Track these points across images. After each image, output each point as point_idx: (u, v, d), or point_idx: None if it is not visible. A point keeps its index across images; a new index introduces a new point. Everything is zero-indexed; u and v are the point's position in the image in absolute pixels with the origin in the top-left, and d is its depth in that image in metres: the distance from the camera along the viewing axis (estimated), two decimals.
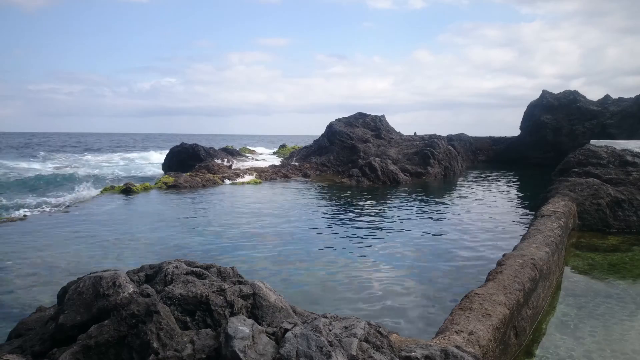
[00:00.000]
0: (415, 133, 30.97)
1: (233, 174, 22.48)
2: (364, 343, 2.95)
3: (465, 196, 16.99)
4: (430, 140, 26.24)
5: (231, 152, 33.04)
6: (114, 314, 3.13)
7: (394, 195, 17.38)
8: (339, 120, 28.73)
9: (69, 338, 3.17)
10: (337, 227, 11.05)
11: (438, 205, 14.71)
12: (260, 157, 36.08)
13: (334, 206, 14.42)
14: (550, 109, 35.06)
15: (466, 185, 20.73)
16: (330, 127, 27.66)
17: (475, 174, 27.04)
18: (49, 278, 7.14)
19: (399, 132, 29.82)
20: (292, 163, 25.73)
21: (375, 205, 14.74)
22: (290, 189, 18.59)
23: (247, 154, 38.02)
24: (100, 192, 17.11)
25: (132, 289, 3.32)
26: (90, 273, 3.56)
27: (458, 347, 3.27)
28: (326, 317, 3.26)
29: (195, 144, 28.41)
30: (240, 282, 3.60)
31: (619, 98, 34.46)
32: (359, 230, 10.76)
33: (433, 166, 24.02)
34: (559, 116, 34.53)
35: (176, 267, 3.74)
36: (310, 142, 29.92)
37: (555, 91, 36.49)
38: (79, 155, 45.10)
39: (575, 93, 35.29)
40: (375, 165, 21.59)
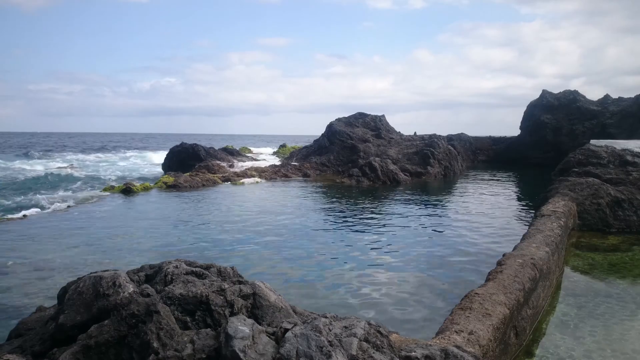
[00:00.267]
0: (415, 133, 30.98)
1: (233, 173, 22.49)
2: (364, 343, 2.95)
3: (465, 196, 17.00)
4: (430, 140, 26.25)
5: (231, 152, 33.03)
6: (114, 313, 3.13)
7: (394, 195, 17.38)
8: (339, 120, 28.74)
9: (69, 338, 3.17)
10: (338, 227, 11.05)
11: (438, 205, 14.71)
12: (261, 157, 36.08)
13: (334, 206, 14.42)
14: (550, 108, 35.05)
15: (466, 185, 20.74)
16: (330, 127, 27.67)
17: (475, 173, 27.04)
18: (48, 278, 7.14)
19: (399, 132, 29.83)
20: (292, 163, 25.72)
21: (375, 205, 14.74)
22: (290, 189, 18.59)
23: (247, 153, 38.01)
24: (100, 192, 17.13)
25: (132, 289, 3.32)
26: (90, 273, 3.56)
27: (458, 347, 3.27)
28: (326, 317, 3.26)
29: (195, 144, 28.42)
30: (240, 282, 3.61)
31: (619, 98, 34.45)
32: (359, 229, 10.77)
33: (433, 166, 24.03)
34: (559, 116, 34.52)
35: (176, 267, 3.74)
36: (311, 142, 29.93)
37: (555, 91, 36.53)
38: (78, 155, 45.09)
39: (575, 93, 35.28)
40: (375, 165, 21.59)
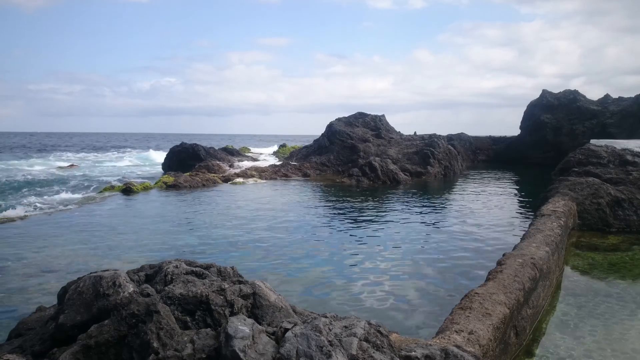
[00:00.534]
0: (415, 132, 30.97)
1: (233, 173, 22.49)
2: (364, 342, 2.95)
3: (465, 196, 16.99)
4: (430, 140, 26.24)
5: (231, 152, 33.02)
6: (114, 313, 3.13)
7: (394, 194, 17.38)
8: (339, 120, 28.73)
9: (69, 338, 3.17)
10: (337, 227, 11.05)
11: (438, 205, 14.71)
12: (261, 157, 36.07)
13: (334, 206, 14.42)
14: (550, 108, 35.03)
15: (466, 185, 20.73)
16: (330, 127, 27.66)
17: (475, 173, 27.04)
18: (49, 278, 7.14)
19: (399, 132, 29.82)
20: (292, 163, 25.71)
21: (375, 205, 14.74)
22: (290, 189, 18.59)
23: (247, 153, 38.01)
24: (100, 192, 17.12)
25: (132, 289, 3.32)
26: (90, 273, 3.56)
27: (458, 347, 3.27)
28: (326, 317, 3.26)
29: (195, 144, 28.42)
30: (240, 282, 3.60)
31: (619, 97, 34.44)
32: (359, 229, 10.77)
33: (433, 166, 24.02)
34: (559, 116, 34.51)
35: (176, 267, 3.74)
36: (311, 142, 29.91)
37: (555, 91, 36.51)
38: (78, 154, 45.09)
39: (575, 92, 35.26)
40: (375, 164, 21.59)
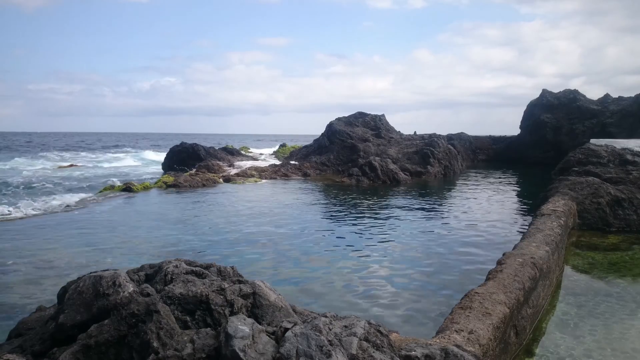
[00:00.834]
0: (415, 132, 30.96)
1: (233, 173, 22.49)
2: (364, 342, 2.95)
3: (465, 195, 16.99)
4: (430, 140, 26.23)
5: (231, 152, 33.02)
6: (114, 313, 3.13)
7: (394, 194, 17.38)
8: (339, 119, 28.72)
9: (69, 338, 3.17)
10: (337, 226, 11.05)
11: (438, 205, 14.71)
12: (260, 157, 36.06)
13: (333, 205, 14.42)
14: (550, 108, 35.03)
15: (466, 185, 20.73)
16: (330, 127, 27.65)
17: (475, 173, 27.04)
18: (48, 278, 7.14)
19: (399, 132, 29.81)
20: (292, 162, 25.71)
21: (375, 205, 14.74)
22: (290, 188, 18.59)
23: (247, 153, 38.00)
24: (100, 192, 17.11)
25: (132, 289, 3.32)
26: (90, 272, 3.56)
27: (458, 346, 3.27)
28: (326, 316, 3.26)
29: (195, 144, 28.44)
30: (240, 282, 3.60)
31: (619, 97, 34.43)
32: (359, 229, 10.77)
33: (433, 165, 24.02)
34: (559, 115, 34.50)
35: (176, 267, 3.74)
36: (310, 142, 29.91)
37: (555, 90, 36.50)
38: (78, 154, 45.08)
39: (575, 92, 35.25)
40: (375, 164, 21.59)
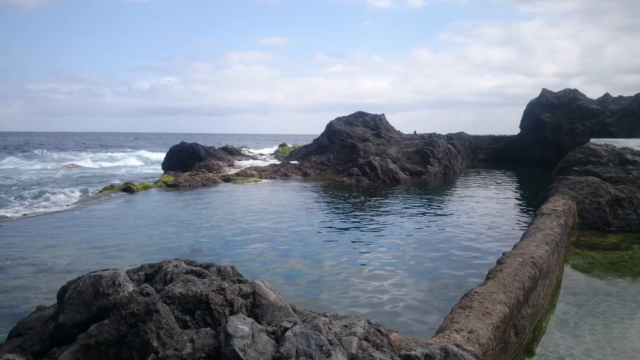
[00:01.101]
0: (415, 132, 30.97)
1: (233, 173, 22.49)
2: (364, 342, 2.95)
3: (465, 195, 16.99)
4: (430, 139, 26.24)
5: (231, 152, 33.02)
6: (113, 313, 3.13)
7: (394, 194, 17.38)
8: (338, 119, 28.71)
9: (69, 337, 3.17)
10: (337, 226, 11.05)
11: (438, 204, 14.71)
12: (260, 157, 36.06)
13: (333, 205, 14.42)
14: (550, 107, 35.02)
15: (466, 184, 20.73)
16: (330, 126, 27.65)
17: (475, 172, 27.04)
18: (48, 277, 7.14)
19: (399, 131, 29.81)
20: (292, 162, 25.71)
21: (375, 204, 14.74)
22: (290, 188, 18.59)
23: (247, 153, 38.00)
24: (100, 191, 17.10)
25: (132, 288, 3.32)
26: (90, 272, 3.56)
27: (458, 346, 3.27)
28: (326, 316, 3.26)
29: (195, 143, 28.44)
30: (240, 281, 3.60)
31: (619, 96, 34.43)
32: (358, 228, 10.77)
33: (433, 165, 24.02)
34: (558, 115, 34.49)
35: (176, 266, 3.74)
36: (310, 141, 29.90)
37: (555, 90, 36.47)
38: (78, 154, 45.08)
39: (575, 91, 35.25)
40: (375, 164, 21.58)
